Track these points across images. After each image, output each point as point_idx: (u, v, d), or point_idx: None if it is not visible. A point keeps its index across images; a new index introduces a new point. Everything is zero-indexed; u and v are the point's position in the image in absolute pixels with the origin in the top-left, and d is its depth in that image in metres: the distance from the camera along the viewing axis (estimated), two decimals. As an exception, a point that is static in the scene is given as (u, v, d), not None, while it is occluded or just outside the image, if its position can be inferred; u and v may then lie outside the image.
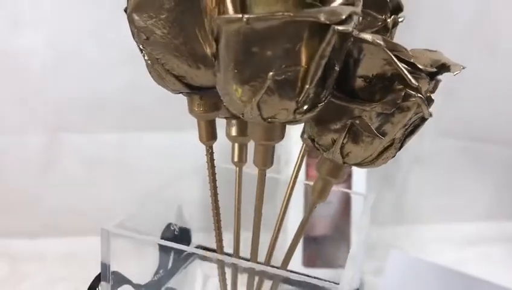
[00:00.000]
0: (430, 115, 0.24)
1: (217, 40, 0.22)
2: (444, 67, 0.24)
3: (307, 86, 0.21)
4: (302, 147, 0.32)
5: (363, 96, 0.23)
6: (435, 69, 0.23)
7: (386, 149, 0.25)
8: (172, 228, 0.37)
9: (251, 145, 0.27)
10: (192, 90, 0.25)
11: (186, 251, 0.33)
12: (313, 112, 0.23)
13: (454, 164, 0.82)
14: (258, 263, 0.29)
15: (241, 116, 0.23)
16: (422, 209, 0.84)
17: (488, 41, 0.75)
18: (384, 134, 0.24)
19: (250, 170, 0.30)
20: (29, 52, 0.63)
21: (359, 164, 0.26)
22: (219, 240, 0.30)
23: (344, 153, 0.25)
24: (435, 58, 0.24)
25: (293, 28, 0.20)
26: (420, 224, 0.83)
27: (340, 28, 0.20)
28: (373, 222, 0.85)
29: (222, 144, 0.30)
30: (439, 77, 0.24)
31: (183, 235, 0.38)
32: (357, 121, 0.24)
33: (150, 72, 0.26)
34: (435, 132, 0.79)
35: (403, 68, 0.22)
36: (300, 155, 0.32)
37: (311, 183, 0.29)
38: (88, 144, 0.67)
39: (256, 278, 0.30)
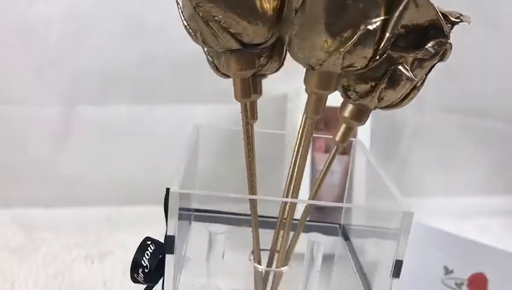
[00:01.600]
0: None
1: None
2: (458, 18, 0.26)
3: (388, 35, 0.24)
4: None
5: (401, 44, 0.26)
6: (459, 20, 0.26)
7: (411, 90, 0.28)
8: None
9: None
10: (244, 47, 0.27)
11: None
12: (381, 59, 0.25)
13: (454, 139, 0.84)
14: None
15: (311, 66, 0.25)
16: (422, 183, 0.86)
17: (489, 18, 0.76)
18: (416, 77, 0.27)
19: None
20: (47, 24, 0.64)
21: (388, 107, 0.29)
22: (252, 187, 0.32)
23: (380, 97, 0.28)
24: (447, 10, 0.26)
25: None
26: (420, 197, 0.85)
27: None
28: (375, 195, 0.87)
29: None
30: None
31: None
32: (400, 67, 0.26)
33: (195, 33, 0.27)
34: (435, 107, 0.81)
35: (442, 19, 0.25)
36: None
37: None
38: (102, 116, 0.69)
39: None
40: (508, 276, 0.54)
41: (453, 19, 0.26)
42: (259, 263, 0.34)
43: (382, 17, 0.24)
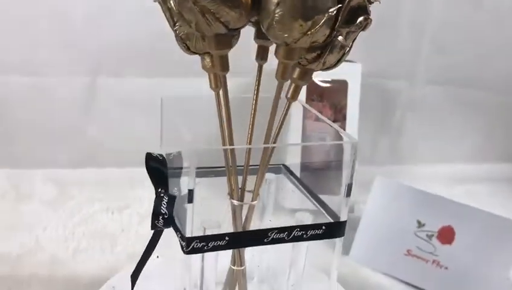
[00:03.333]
0: None
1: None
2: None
3: (340, 18, 0.33)
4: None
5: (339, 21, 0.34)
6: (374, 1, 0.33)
7: (343, 55, 0.36)
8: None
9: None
10: (228, 31, 0.34)
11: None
12: (334, 35, 0.34)
13: (445, 110, 0.89)
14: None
15: (287, 44, 0.34)
16: (415, 151, 0.91)
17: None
18: (348, 45, 0.35)
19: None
20: (72, 3, 0.72)
21: (327, 68, 0.37)
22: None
23: (323, 62, 0.36)
24: None
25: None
26: (413, 164, 0.90)
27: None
28: (371, 162, 0.94)
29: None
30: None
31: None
32: (338, 38, 0.34)
33: (189, 24, 0.34)
34: (425, 80, 0.86)
35: (367, 2, 0.33)
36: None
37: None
38: (122, 87, 0.76)
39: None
40: (472, 228, 0.61)
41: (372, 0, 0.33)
42: (238, 199, 0.42)
43: (338, 6, 0.32)
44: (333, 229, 0.40)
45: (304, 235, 0.39)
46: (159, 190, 0.40)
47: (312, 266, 0.47)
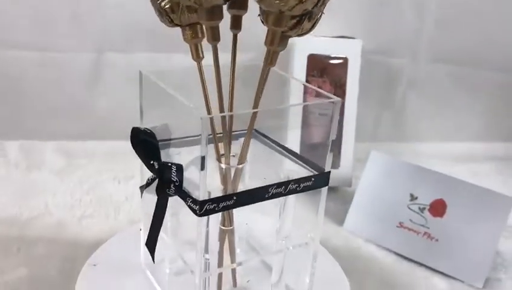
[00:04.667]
0: None
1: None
2: None
3: None
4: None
5: None
6: None
7: (315, 22, 0.39)
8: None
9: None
10: (225, 2, 0.37)
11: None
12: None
13: (448, 88, 0.89)
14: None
15: (282, 12, 0.36)
16: (418, 129, 0.92)
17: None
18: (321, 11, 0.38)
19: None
20: None
21: (303, 34, 0.39)
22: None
23: (301, 28, 0.38)
24: None
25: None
26: (416, 142, 0.92)
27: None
28: (374, 139, 0.96)
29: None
30: None
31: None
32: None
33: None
34: (428, 58, 0.87)
35: None
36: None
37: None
38: (127, 62, 0.79)
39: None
40: (463, 201, 0.62)
41: None
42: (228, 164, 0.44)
43: None
44: (320, 180, 0.44)
45: (298, 188, 0.42)
46: (151, 162, 0.42)
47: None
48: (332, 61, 0.76)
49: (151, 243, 0.44)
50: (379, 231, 0.65)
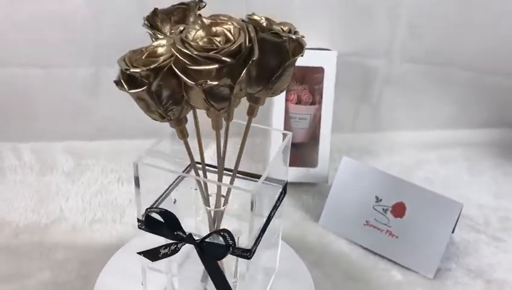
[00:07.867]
0: None
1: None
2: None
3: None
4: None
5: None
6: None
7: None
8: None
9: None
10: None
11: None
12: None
13: (420, 84, 0.97)
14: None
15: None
16: (393, 120, 1.00)
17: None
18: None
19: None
20: (73, 10, 0.81)
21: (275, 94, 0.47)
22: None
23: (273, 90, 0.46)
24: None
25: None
26: (391, 132, 1.01)
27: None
28: (353, 130, 1.04)
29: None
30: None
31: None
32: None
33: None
34: (401, 58, 0.94)
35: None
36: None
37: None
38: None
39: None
40: (420, 204, 0.71)
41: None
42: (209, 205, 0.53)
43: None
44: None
45: None
46: (175, 233, 0.50)
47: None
48: (310, 71, 0.83)
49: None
50: (349, 228, 0.75)
